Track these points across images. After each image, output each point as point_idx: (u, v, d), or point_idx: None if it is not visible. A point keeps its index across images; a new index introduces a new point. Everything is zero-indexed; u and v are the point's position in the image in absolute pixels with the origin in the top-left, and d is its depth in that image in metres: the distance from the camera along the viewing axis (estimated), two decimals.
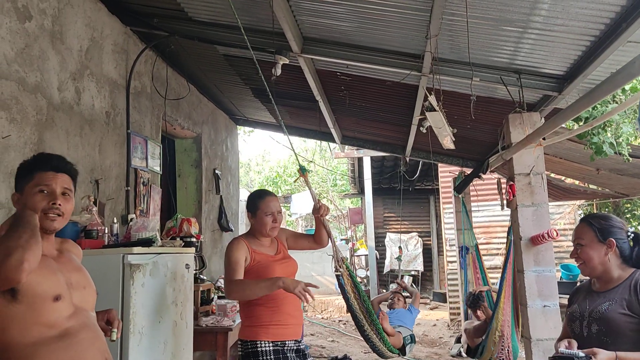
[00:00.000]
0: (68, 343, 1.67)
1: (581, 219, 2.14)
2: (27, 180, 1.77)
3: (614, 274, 1.98)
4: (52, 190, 1.75)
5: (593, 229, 2.02)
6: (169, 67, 4.65)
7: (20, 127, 2.67)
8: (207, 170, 5.76)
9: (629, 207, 9.09)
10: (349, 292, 3.20)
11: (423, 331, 8.38)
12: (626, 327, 1.85)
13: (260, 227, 2.80)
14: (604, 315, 1.90)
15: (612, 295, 1.94)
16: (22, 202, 1.76)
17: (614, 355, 1.75)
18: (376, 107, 5.19)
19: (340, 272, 3.12)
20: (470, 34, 2.84)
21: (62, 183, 1.78)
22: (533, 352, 3.55)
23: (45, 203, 1.73)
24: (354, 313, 3.30)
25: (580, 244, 2.04)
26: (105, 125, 3.54)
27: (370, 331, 3.44)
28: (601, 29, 2.68)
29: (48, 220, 1.74)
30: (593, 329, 1.92)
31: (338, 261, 3.12)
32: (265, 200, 2.82)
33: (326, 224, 2.92)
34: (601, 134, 3.84)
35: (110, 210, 3.53)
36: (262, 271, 2.70)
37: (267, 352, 2.61)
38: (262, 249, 2.80)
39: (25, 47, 2.73)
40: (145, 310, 2.63)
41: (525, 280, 3.65)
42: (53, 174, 1.77)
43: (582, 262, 2.05)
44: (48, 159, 1.83)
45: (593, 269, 2.02)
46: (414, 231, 12.61)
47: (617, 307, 1.89)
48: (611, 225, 2.01)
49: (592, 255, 2.00)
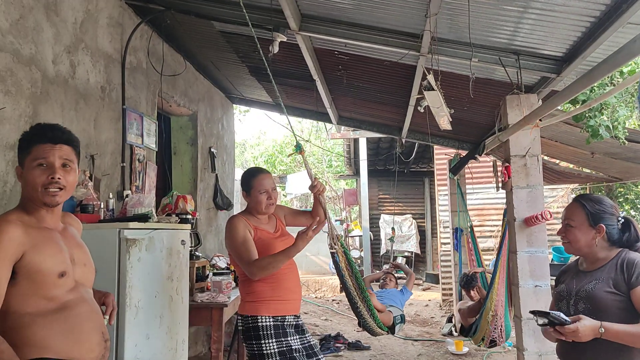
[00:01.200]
0: (66, 315, 1.68)
1: (574, 199, 2.14)
2: (25, 154, 1.73)
3: (600, 255, 2.00)
4: (51, 163, 1.71)
5: (585, 211, 2.02)
6: (165, 43, 4.60)
7: (15, 99, 2.64)
8: (202, 148, 5.74)
9: (622, 191, 9.16)
10: (343, 269, 3.24)
11: (415, 311, 8.48)
12: (613, 305, 1.88)
13: (256, 205, 2.81)
14: (591, 293, 1.93)
15: (599, 274, 1.96)
16: (24, 178, 1.73)
17: (599, 323, 1.79)
18: (373, 88, 5.16)
19: (335, 249, 3.14)
20: (471, 13, 2.82)
21: (61, 154, 1.73)
22: (523, 330, 3.60)
23: (44, 177, 1.69)
24: (348, 290, 3.34)
25: (570, 225, 2.04)
26: (101, 100, 3.52)
27: (362, 307, 3.50)
28: (601, 9, 2.67)
29: (49, 195, 1.70)
30: (580, 307, 1.95)
31: (333, 239, 3.14)
32: (258, 178, 2.82)
33: (322, 201, 2.93)
34: (597, 117, 3.84)
35: (105, 186, 3.52)
36: (264, 248, 2.71)
37: (267, 327, 2.64)
38: (262, 226, 2.82)
39: (20, 18, 2.69)
40: (142, 284, 2.65)
41: (518, 260, 3.69)
42: (51, 146, 1.72)
43: (567, 241, 2.06)
44: (43, 130, 1.77)
45: (578, 250, 2.05)
46: (408, 213, 12.67)
47: (604, 286, 1.92)
48: (603, 211, 2.01)
49: (580, 237, 2.02)
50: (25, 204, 1.75)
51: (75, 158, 1.80)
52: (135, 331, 2.57)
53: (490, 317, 4.18)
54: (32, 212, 1.74)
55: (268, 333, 2.63)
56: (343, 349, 6.02)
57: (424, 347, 6.30)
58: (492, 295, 4.16)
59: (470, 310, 4.83)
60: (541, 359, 3.56)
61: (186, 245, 3.26)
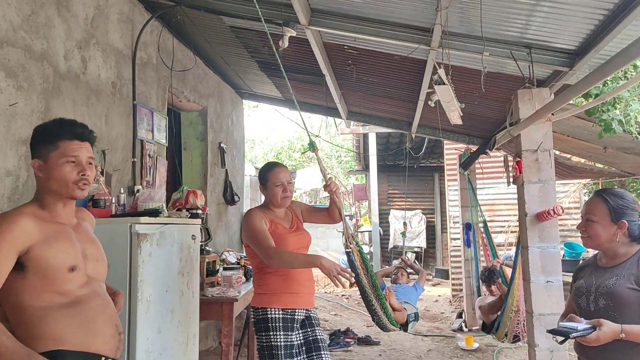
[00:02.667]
0: (79, 310, 1.70)
1: (595, 193, 2.09)
2: (50, 148, 1.75)
3: (621, 251, 1.98)
4: (80, 161, 1.77)
5: (608, 206, 1.98)
6: (175, 38, 4.61)
7: (27, 94, 2.66)
8: (212, 143, 5.76)
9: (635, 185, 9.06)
10: (358, 268, 3.24)
11: (425, 306, 8.46)
12: (634, 302, 1.86)
13: (272, 198, 2.86)
14: (612, 290, 1.90)
15: (620, 271, 1.94)
16: (47, 171, 1.75)
17: (619, 328, 1.77)
18: (383, 82, 5.14)
19: (350, 248, 3.14)
20: (482, 6, 2.80)
21: (87, 152, 1.80)
22: (535, 326, 3.58)
23: (75, 174, 1.75)
24: (363, 288, 3.34)
25: (592, 220, 2.01)
26: (112, 95, 3.53)
27: (376, 305, 3.50)
28: (615, 2, 2.63)
29: (78, 189, 1.76)
30: (600, 303, 1.92)
31: (348, 238, 3.14)
32: (273, 172, 2.88)
33: (337, 200, 2.94)
34: (610, 111, 3.80)
35: (116, 181, 3.54)
36: (277, 241, 2.74)
37: (276, 319, 2.67)
38: (278, 220, 2.86)
39: (32, 13, 2.71)
40: (153, 279, 2.67)
41: (530, 256, 3.66)
42: (79, 144, 1.77)
43: (588, 236, 2.03)
44: (72, 126, 1.81)
45: (598, 245, 2.02)
46: (418, 208, 12.63)
47: (625, 282, 1.89)
48: (625, 206, 1.98)
49: (601, 232, 1.99)
50: (42, 197, 1.77)
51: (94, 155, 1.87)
52: (146, 325, 2.58)
53: (512, 313, 4.14)
54: (48, 206, 1.76)
55: (277, 325, 2.66)
56: (353, 343, 6.03)
57: (434, 342, 6.29)
58: (514, 290, 4.11)
59: (492, 307, 4.82)
60: (552, 355, 3.54)
61: (197, 240, 3.28)
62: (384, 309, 3.61)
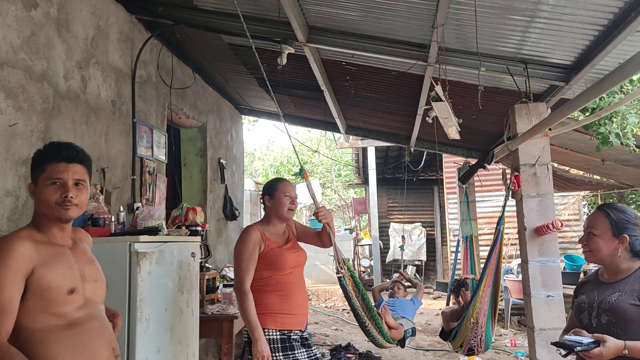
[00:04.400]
0: (76, 332, 1.69)
1: (598, 207, 2.09)
2: (39, 172, 1.76)
3: (623, 266, 1.97)
4: (64, 182, 1.75)
5: (610, 220, 1.98)
6: (174, 56, 4.64)
7: (27, 115, 2.68)
8: (212, 159, 5.77)
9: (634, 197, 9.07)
10: (350, 292, 3.27)
11: (426, 320, 8.42)
12: (637, 318, 1.84)
13: (278, 209, 2.85)
14: (614, 306, 1.89)
15: (622, 287, 1.93)
16: (37, 195, 1.76)
17: (623, 344, 1.76)
18: (381, 97, 5.17)
19: (341, 273, 3.16)
20: (478, 23, 2.83)
21: (74, 174, 1.77)
22: (536, 341, 3.57)
23: (57, 196, 1.73)
24: (356, 311, 3.36)
25: (593, 234, 2.00)
26: (111, 114, 3.55)
27: (370, 326, 3.51)
28: (610, 18, 2.66)
29: (62, 209, 1.74)
30: (603, 319, 1.91)
31: (339, 262, 3.15)
32: (284, 183, 2.92)
33: (327, 228, 2.96)
34: (608, 125, 3.82)
35: (116, 199, 3.54)
36: (275, 259, 2.75)
37: (274, 340, 2.65)
38: (275, 237, 2.85)
39: (32, 35, 2.74)
40: (152, 297, 2.66)
41: (530, 270, 3.66)
42: (64, 165, 1.76)
43: (589, 250, 2.02)
44: (58, 149, 1.80)
45: (600, 260, 2.01)
46: (418, 221, 12.62)
47: (628, 298, 1.88)
48: (627, 221, 1.98)
49: (603, 247, 1.98)
50: (38, 221, 1.78)
51: (88, 176, 1.85)
52: (145, 344, 2.57)
53: (470, 324, 4.09)
54: (44, 229, 1.76)
55: (275, 347, 2.64)
56: (354, 359, 5.98)
57: (436, 357, 6.24)
58: (476, 302, 4.06)
59: (452, 314, 4.77)
60: None
61: (196, 257, 3.27)
62: (379, 329, 3.61)
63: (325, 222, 2.92)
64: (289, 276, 2.79)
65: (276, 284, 2.74)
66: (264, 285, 2.75)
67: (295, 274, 2.83)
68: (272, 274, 2.75)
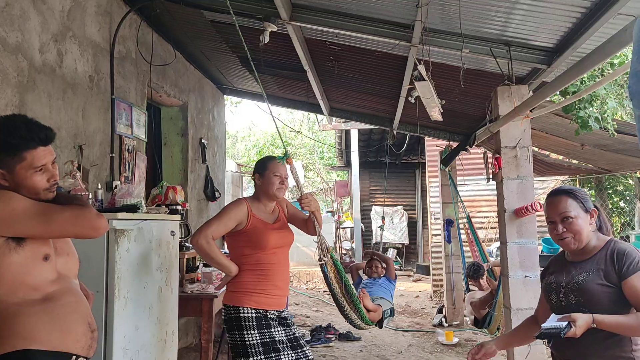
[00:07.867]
0: (51, 306, 1.68)
1: (555, 193, 2.04)
2: (16, 160, 1.67)
3: (592, 243, 1.98)
4: (48, 167, 1.74)
5: (577, 200, 1.98)
6: (155, 32, 4.54)
7: (1, 88, 2.60)
8: (193, 139, 5.71)
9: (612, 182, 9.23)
10: (331, 279, 3.26)
11: (406, 302, 8.52)
12: (604, 297, 1.87)
13: (267, 187, 2.83)
14: (582, 286, 1.91)
15: (589, 266, 1.93)
16: (13, 181, 1.68)
17: (591, 318, 1.79)
18: (365, 79, 5.15)
19: (324, 261, 3.14)
20: (462, 3, 2.81)
21: (51, 156, 1.76)
22: (512, 320, 3.63)
23: (45, 182, 1.73)
24: (336, 296, 3.36)
25: (569, 217, 1.95)
26: (89, 89, 3.47)
27: (349, 310, 3.53)
28: (592, 0, 2.67)
29: (50, 192, 1.76)
30: (571, 299, 1.93)
31: (323, 250, 3.14)
32: (274, 162, 2.89)
33: (312, 217, 2.93)
34: (587, 109, 3.85)
35: (94, 177, 3.49)
36: (257, 236, 2.73)
37: (249, 318, 2.65)
38: (261, 215, 2.83)
39: (6, 5, 2.65)
40: (130, 275, 2.63)
41: (508, 251, 3.71)
42: (43, 150, 1.71)
43: (571, 235, 1.96)
44: (34, 131, 1.70)
45: (581, 242, 1.96)
46: (400, 204, 12.70)
47: (595, 278, 1.89)
48: (585, 195, 2.01)
49: (583, 226, 1.95)
50: None
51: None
52: (124, 322, 2.55)
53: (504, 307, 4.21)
54: None
55: (250, 324, 2.63)
56: (334, 339, 6.04)
57: (415, 337, 6.33)
58: None
59: (483, 302, 4.90)
60: (530, 349, 3.59)
61: (176, 236, 3.25)
62: (359, 312, 3.64)
63: (309, 210, 2.87)
64: (271, 256, 2.76)
65: (256, 262, 2.72)
66: (243, 263, 2.74)
67: (278, 254, 2.80)
68: (252, 252, 2.74)
